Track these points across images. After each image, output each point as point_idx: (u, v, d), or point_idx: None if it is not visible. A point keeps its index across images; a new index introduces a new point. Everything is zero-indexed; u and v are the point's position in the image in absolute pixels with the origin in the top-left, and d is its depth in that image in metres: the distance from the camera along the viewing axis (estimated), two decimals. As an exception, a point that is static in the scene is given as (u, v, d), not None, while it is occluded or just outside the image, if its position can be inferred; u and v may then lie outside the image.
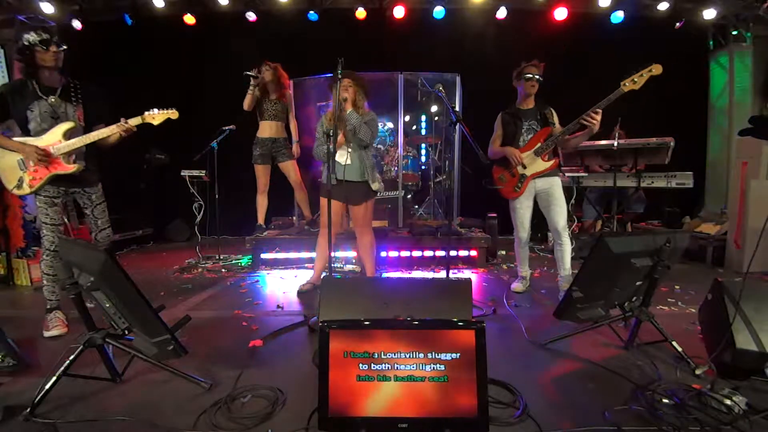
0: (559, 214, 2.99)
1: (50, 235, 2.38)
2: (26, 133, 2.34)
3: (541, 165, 3.00)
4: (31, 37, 2.21)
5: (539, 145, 2.99)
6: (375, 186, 3.11)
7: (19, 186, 2.34)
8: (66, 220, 4.74)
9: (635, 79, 2.64)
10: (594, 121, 2.72)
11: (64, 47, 2.30)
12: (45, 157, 2.28)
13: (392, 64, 4.93)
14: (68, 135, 2.35)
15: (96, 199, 2.54)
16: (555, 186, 3.02)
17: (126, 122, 2.38)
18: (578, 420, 1.47)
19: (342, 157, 3.00)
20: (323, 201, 3.06)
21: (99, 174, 2.57)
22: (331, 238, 2.64)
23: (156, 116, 2.44)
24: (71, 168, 2.35)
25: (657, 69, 2.61)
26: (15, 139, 2.32)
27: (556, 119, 3.05)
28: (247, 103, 3.93)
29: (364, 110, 3.06)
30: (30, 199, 3.75)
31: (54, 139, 2.32)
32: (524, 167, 3.03)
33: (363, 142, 3.02)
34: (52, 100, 2.32)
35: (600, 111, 2.72)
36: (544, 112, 3.04)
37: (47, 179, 2.33)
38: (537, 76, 2.97)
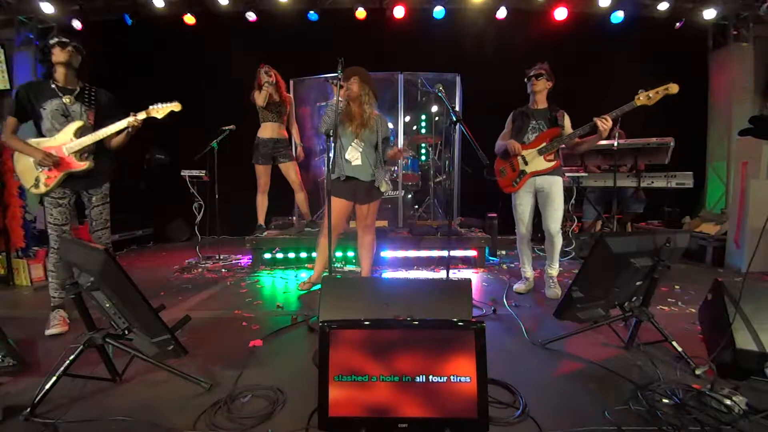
0: (552, 217, 3.01)
1: (53, 235, 2.45)
2: (39, 131, 2.42)
3: (543, 164, 3.01)
4: (52, 39, 2.35)
5: (544, 144, 3.00)
6: (383, 187, 3.06)
7: (36, 185, 2.42)
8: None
9: (650, 95, 2.64)
10: (604, 126, 2.71)
11: (81, 50, 2.42)
12: (55, 160, 2.36)
13: (392, 64, 4.92)
14: (79, 134, 2.41)
15: (95, 201, 2.55)
16: (554, 186, 3.01)
17: (135, 115, 2.43)
18: (578, 420, 1.47)
19: (353, 156, 2.96)
20: (332, 199, 3.05)
21: (108, 175, 2.62)
22: (332, 239, 2.64)
23: (160, 109, 2.49)
24: (83, 165, 2.42)
25: (673, 88, 2.61)
26: (29, 141, 2.40)
27: (567, 122, 3.05)
28: (262, 98, 3.89)
29: (373, 112, 2.99)
30: (30, 198, 3.77)
31: (65, 138, 2.40)
32: (525, 163, 3.04)
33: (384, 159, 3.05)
34: (66, 99, 2.40)
35: (610, 119, 2.71)
36: (555, 114, 3.05)
37: (61, 177, 2.41)
38: (535, 75, 3.01)
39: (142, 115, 2.45)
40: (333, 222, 3.06)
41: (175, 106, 2.49)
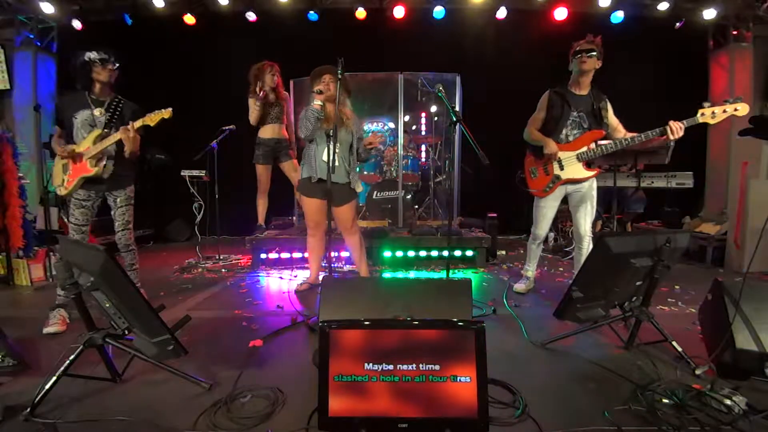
0: (586, 217, 2.86)
1: (74, 235, 2.63)
2: (71, 139, 2.62)
3: (580, 172, 2.76)
4: (92, 54, 2.53)
5: (585, 149, 2.72)
6: (359, 188, 3.06)
7: (60, 187, 2.65)
8: (66, 220, 4.76)
9: (715, 112, 2.41)
10: (675, 137, 2.45)
11: (117, 65, 2.63)
12: (69, 151, 2.53)
13: (392, 64, 4.92)
14: (96, 141, 2.58)
15: (120, 202, 2.73)
16: (589, 187, 2.84)
17: (132, 124, 2.52)
18: (578, 420, 1.47)
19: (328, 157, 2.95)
20: (305, 200, 3.05)
21: (131, 177, 2.79)
22: (330, 237, 2.64)
23: (153, 117, 2.56)
24: (92, 171, 2.57)
25: (743, 109, 2.40)
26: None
27: (610, 113, 2.75)
28: (254, 118, 3.90)
29: (349, 113, 2.99)
30: (30, 198, 3.78)
31: (87, 145, 2.58)
32: (561, 168, 2.79)
33: (360, 156, 3.05)
34: (97, 111, 2.60)
35: (683, 128, 2.46)
36: (598, 105, 2.70)
37: (78, 182, 2.59)
38: (586, 51, 2.66)
39: (138, 124, 2.53)
40: (313, 220, 3.08)
41: (166, 113, 2.56)
